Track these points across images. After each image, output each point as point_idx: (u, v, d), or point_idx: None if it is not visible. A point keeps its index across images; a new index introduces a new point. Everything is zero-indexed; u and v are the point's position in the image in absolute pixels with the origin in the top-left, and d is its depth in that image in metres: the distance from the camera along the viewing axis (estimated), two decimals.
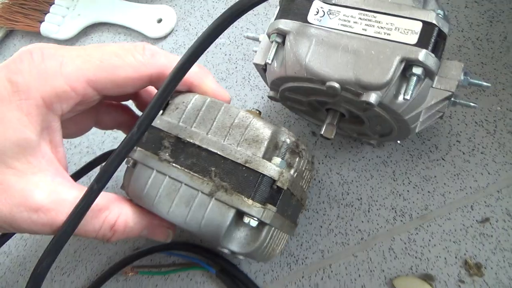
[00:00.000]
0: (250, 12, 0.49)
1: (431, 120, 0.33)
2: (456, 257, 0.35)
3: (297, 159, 0.30)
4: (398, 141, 0.39)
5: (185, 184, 0.28)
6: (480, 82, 0.31)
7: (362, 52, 0.29)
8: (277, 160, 0.28)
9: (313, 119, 0.40)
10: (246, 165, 0.27)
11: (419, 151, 0.39)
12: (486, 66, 0.39)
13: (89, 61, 0.28)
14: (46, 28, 0.53)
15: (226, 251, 0.29)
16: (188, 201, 0.28)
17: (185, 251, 0.41)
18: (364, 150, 0.40)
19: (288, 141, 0.29)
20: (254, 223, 0.27)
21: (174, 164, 0.29)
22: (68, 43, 0.54)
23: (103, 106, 0.36)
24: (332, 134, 0.34)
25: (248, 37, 0.37)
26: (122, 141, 0.27)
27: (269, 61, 0.32)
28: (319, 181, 0.41)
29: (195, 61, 0.28)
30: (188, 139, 0.29)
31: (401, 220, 0.38)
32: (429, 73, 0.29)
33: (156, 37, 0.50)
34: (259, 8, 0.48)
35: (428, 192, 0.38)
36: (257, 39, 0.37)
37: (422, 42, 0.28)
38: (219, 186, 0.28)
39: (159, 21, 0.51)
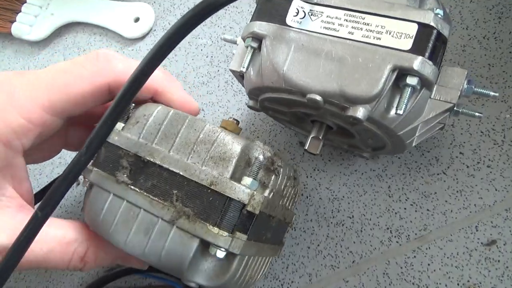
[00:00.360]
0: (233, 9, 0.46)
1: (430, 132, 0.29)
2: (458, 284, 0.32)
3: (272, 177, 0.26)
4: (396, 155, 0.35)
5: (144, 209, 0.25)
6: (486, 92, 0.27)
7: (347, 60, 0.25)
8: (247, 180, 0.24)
9: (299, 129, 0.36)
10: (212, 187, 0.24)
11: (417, 164, 0.35)
12: (493, 68, 0.35)
13: (39, 86, 0.26)
14: (17, 28, 0.50)
15: (192, 284, 0.26)
16: (147, 229, 0.25)
17: (162, 272, 0.38)
18: (356, 162, 0.36)
19: (261, 157, 0.25)
20: (221, 254, 0.24)
21: (132, 187, 0.26)
22: (41, 44, 0.51)
23: (71, 128, 0.33)
24: (318, 149, 0.30)
25: (225, 40, 0.33)
26: (69, 164, 0.23)
27: (244, 69, 0.28)
28: (307, 197, 0.37)
29: (156, 66, 0.24)
30: (148, 158, 0.26)
31: (397, 242, 0.34)
32: (426, 83, 0.25)
33: (133, 37, 0.47)
34: (243, 5, 0.44)
35: (428, 210, 0.34)
36: (234, 42, 0.33)
37: (417, 48, 0.24)
38: (181, 212, 0.24)
39: (136, 20, 0.47)
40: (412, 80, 0.24)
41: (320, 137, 0.30)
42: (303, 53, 0.26)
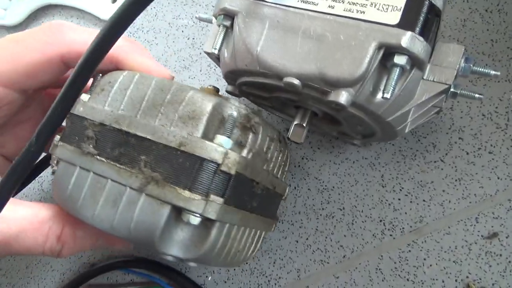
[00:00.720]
0: None
1: (425, 117, 0.27)
2: (456, 280, 0.30)
3: (250, 135, 0.24)
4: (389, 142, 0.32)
5: (112, 179, 0.23)
6: (486, 71, 0.24)
7: (327, 38, 0.22)
8: (220, 138, 0.22)
9: (284, 115, 0.34)
10: (181, 148, 0.22)
11: (413, 151, 0.32)
12: (497, 44, 0.32)
13: None
14: None
15: (169, 258, 0.24)
16: (115, 200, 0.23)
17: (144, 268, 0.37)
18: (347, 150, 0.34)
19: (235, 114, 0.23)
20: (195, 220, 0.22)
21: (98, 157, 0.24)
22: (17, 29, 0.48)
23: (42, 113, 0.31)
24: (302, 137, 0.28)
25: (200, 19, 0.30)
26: (18, 155, 0.21)
27: (216, 50, 0.26)
28: (295, 188, 0.34)
29: (120, 34, 0.22)
30: (114, 125, 0.24)
31: (391, 235, 0.31)
32: (416, 62, 0.22)
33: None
34: None
35: (424, 201, 0.31)
36: (210, 21, 0.30)
37: (406, 22, 0.21)
38: (149, 178, 0.22)
39: (114, 1, 0.44)
40: (400, 59, 0.21)
41: (304, 124, 0.28)
42: (279, 31, 0.23)
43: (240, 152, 0.23)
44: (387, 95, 0.22)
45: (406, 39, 0.21)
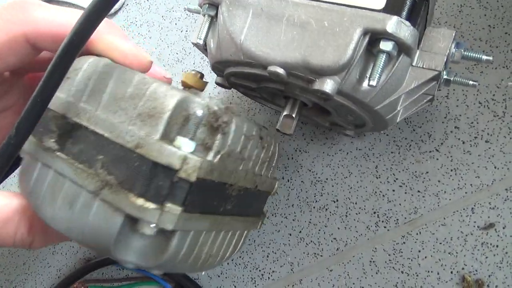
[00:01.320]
0: None
1: (417, 106, 0.26)
2: (452, 272, 0.29)
3: (218, 136, 0.21)
4: (382, 132, 0.31)
5: (70, 179, 0.22)
6: (478, 56, 0.23)
7: (311, 25, 0.22)
8: (180, 141, 0.20)
9: (275, 106, 0.33)
10: (137, 150, 0.20)
11: (407, 141, 0.31)
12: (494, 30, 0.31)
13: None
14: None
15: (129, 265, 0.22)
16: (71, 202, 0.21)
17: None
18: (341, 141, 0.33)
19: (199, 112, 0.20)
20: (149, 230, 0.20)
21: (59, 153, 0.22)
22: None
23: (25, 100, 0.31)
24: (291, 128, 0.27)
25: (189, 10, 0.30)
26: None
27: (200, 41, 0.25)
28: (288, 180, 0.34)
29: (102, 16, 0.20)
30: (75, 119, 0.22)
31: (385, 227, 0.31)
32: (403, 48, 0.22)
33: None
34: None
35: (418, 192, 0.31)
36: (199, 12, 0.30)
37: (392, 6, 0.21)
38: (104, 182, 0.21)
39: None
40: (386, 45, 0.21)
41: (294, 115, 0.27)
42: (263, 19, 0.23)
43: (206, 155, 0.21)
44: (373, 83, 0.21)
45: (392, 24, 0.20)
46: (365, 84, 0.22)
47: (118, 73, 0.22)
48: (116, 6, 0.43)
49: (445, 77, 0.25)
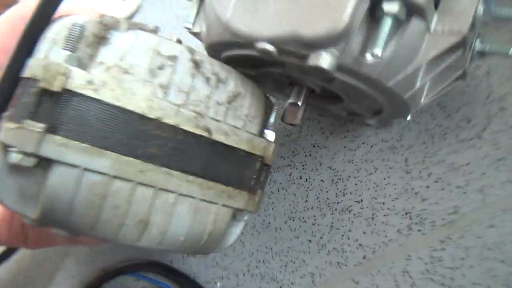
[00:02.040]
0: None
1: (445, 83, 0.22)
2: (505, 285, 0.24)
3: (101, 47, 0.19)
4: (408, 118, 0.27)
5: None
6: None
7: None
8: (52, 51, 0.18)
9: (282, 96, 0.30)
10: None
11: (442, 128, 0.27)
12: None
13: None
14: None
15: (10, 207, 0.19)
16: None
17: (154, 272, 0.35)
18: (364, 133, 0.29)
19: (79, 23, 0.19)
20: (13, 157, 0.17)
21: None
22: None
23: None
24: (297, 118, 0.24)
25: None
26: None
27: (190, 25, 0.23)
28: (306, 180, 0.31)
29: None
30: None
31: (419, 230, 0.26)
32: (415, 9, 0.18)
33: (121, 16, 0.43)
34: None
35: (458, 187, 0.26)
36: None
37: None
38: None
39: None
40: (391, 7, 0.17)
41: (299, 103, 0.24)
42: None
43: (84, 67, 0.18)
44: (377, 52, 0.17)
45: None
46: (369, 55, 0.18)
47: None
48: (132, 8, 0.43)
49: (478, 46, 0.21)
